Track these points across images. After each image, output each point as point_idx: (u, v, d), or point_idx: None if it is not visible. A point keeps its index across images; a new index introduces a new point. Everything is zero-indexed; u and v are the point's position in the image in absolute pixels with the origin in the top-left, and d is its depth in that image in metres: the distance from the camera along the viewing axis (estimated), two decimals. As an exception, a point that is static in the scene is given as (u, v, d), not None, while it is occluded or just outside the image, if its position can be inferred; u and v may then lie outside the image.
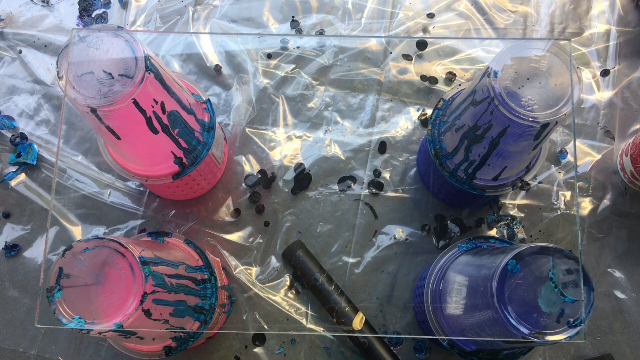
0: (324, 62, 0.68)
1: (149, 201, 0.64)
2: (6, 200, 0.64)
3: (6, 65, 0.69)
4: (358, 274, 0.62)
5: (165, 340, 0.52)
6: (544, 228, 0.63)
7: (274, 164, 0.65)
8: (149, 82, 0.44)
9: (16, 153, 0.65)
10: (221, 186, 0.64)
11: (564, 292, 0.41)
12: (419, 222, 0.63)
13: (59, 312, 0.42)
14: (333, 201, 0.64)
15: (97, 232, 0.63)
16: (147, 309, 0.43)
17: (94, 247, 0.43)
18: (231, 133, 0.66)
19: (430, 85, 0.67)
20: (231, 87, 0.67)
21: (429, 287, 0.53)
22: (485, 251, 0.50)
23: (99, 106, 0.43)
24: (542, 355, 0.59)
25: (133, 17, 0.70)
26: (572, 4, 0.70)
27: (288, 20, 0.69)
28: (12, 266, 0.63)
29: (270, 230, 0.63)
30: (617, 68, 0.67)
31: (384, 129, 0.66)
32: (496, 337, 0.44)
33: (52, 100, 0.68)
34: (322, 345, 0.60)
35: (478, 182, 0.54)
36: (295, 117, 0.66)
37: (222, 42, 0.68)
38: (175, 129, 0.50)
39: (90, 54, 0.44)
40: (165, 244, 0.54)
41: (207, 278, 0.54)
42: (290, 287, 0.61)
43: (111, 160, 0.55)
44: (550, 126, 0.43)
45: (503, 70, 0.43)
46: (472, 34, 0.69)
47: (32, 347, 0.60)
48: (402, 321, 0.60)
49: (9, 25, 0.70)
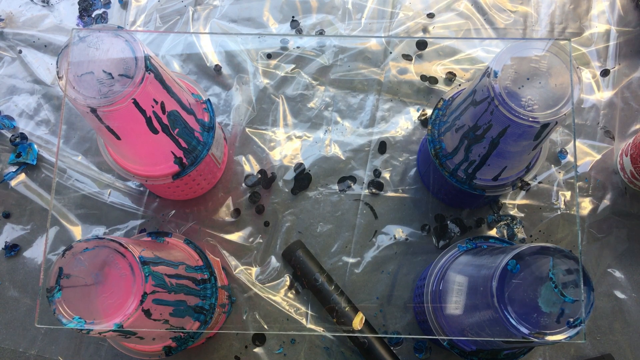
0: (324, 62, 0.68)
1: (149, 201, 0.64)
2: (6, 200, 0.64)
3: (6, 65, 0.69)
4: (358, 274, 0.62)
5: (165, 340, 0.52)
6: (544, 228, 0.63)
7: (274, 164, 0.65)
8: (149, 82, 0.44)
9: (16, 153, 0.65)
10: (221, 186, 0.64)
11: (564, 292, 0.41)
12: (419, 222, 0.63)
13: (59, 312, 0.42)
14: (333, 201, 0.64)
15: (97, 232, 0.63)
16: (147, 309, 0.43)
17: (94, 247, 0.43)
18: (231, 133, 0.66)
19: (430, 85, 0.67)
20: (231, 87, 0.67)
21: (429, 287, 0.53)
22: (485, 251, 0.50)
23: (99, 106, 0.43)
24: (542, 355, 0.59)
25: (133, 17, 0.70)
26: (572, 4, 0.70)
27: (288, 20, 0.69)
28: (12, 266, 0.63)
29: (270, 230, 0.63)
30: (617, 68, 0.67)
31: (384, 129, 0.66)
32: (496, 337, 0.44)
33: (52, 100, 0.68)
34: (322, 345, 0.60)
35: (478, 182, 0.54)
36: (295, 117, 0.66)
37: (222, 42, 0.68)
38: (175, 129, 0.50)
39: (90, 54, 0.44)
40: (165, 244, 0.54)
41: (207, 278, 0.54)
42: (290, 287, 0.61)
43: (111, 160, 0.55)
44: (550, 126, 0.43)
45: (503, 70, 0.43)
46: (472, 34, 0.69)
47: (32, 347, 0.60)
48: (402, 321, 0.60)
49: (9, 25, 0.70)
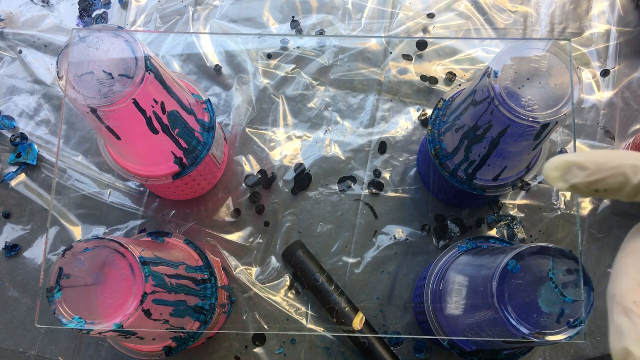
0: (324, 62, 0.68)
1: (149, 201, 0.64)
2: (6, 200, 0.64)
3: (6, 65, 0.69)
4: (358, 274, 0.62)
5: (165, 340, 0.52)
6: (544, 228, 0.63)
7: (274, 164, 0.65)
8: (149, 82, 0.44)
9: (16, 153, 0.65)
10: (221, 186, 0.64)
11: (564, 292, 0.41)
12: (419, 222, 0.63)
13: (59, 312, 0.42)
14: (333, 201, 0.64)
15: (97, 232, 0.63)
16: (147, 309, 0.43)
17: (94, 247, 0.43)
18: (231, 133, 0.66)
19: (430, 85, 0.67)
20: (231, 87, 0.67)
21: (429, 287, 0.53)
22: (485, 251, 0.50)
23: (99, 106, 0.43)
24: (542, 355, 0.59)
25: (133, 17, 0.70)
26: (572, 4, 0.70)
27: (288, 20, 0.69)
28: (12, 266, 0.63)
29: (270, 230, 0.63)
30: (617, 68, 0.67)
31: (384, 129, 0.66)
32: (496, 337, 0.44)
33: (52, 100, 0.68)
34: (322, 345, 0.60)
35: (478, 182, 0.54)
36: (295, 117, 0.66)
37: (222, 42, 0.68)
38: (175, 129, 0.50)
39: (90, 54, 0.44)
40: (165, 244, 0.54)
41: (207, 278, 0.54)
42: (290, 287, 0.61)
43: (111, 160, 0.55)
44: (550, 126, 0.43)
45: (503, 70, 0.43)
46: (472, 34, 0.69)
47: (32, 347, 0.60)
48: (402, 321, 0.60)
49: (9, 25, 0.70)
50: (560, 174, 0.27)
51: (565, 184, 0.27)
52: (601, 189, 0.26)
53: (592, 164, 0.26)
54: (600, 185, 0.26)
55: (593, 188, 0.26)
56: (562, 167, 0.27)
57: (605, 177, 0.26)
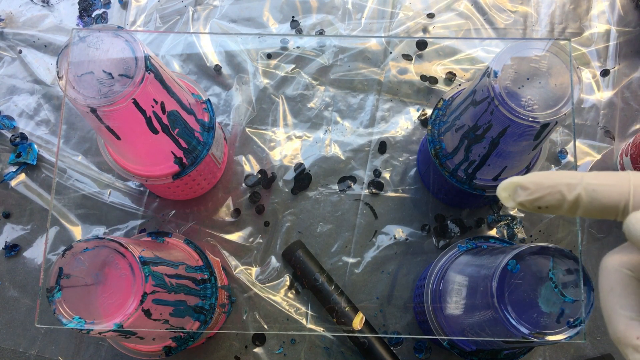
0: (324, 62, 0.68)
1: (149, 201, 0.64)
2: (6, 200, 0.64)
3: (6, 65, 0.69)
4: (358, 274, 0.62)
5: (165, 340, 0.52)
6: (544, 228, 0.63)
7: (274, 164, 0.65)
8: (149, 82, 0.44)
9: (16, 153, 0.65)
10: (221, 186, 0.64)
11: (564, 292, 0.41)
12: (419, 222, 0.63)
13: (59, 312, 0.42)
14: (333, 201, 0.64)
15: (97, 232, 0.63)
16: (147, 309, 0.43)
17: (94, 247, 0.43)
18: (231, 133, 0.66)
19: (430, 85, 0.67)
20: (231, 87, 0.67)
21: (429, 287, 0.53)
22: (485, 251, 0.50)
23: (99, 106, 0.43)
24: (542, 355, 0.59)
25: (133, 17, 0.70)
26: (572, 4, 0.70)
27: (288, 20, 0.69)
28: (12, 266, 0.63)
29: (270, 230, 0.63)
30: (617, 68, 0.67)
31: (384, 129, 0.66)
32: (496, 337, 0.44)
33: (52, 100, 0.68)
34: (322, 345, 0.60)
35: (478, 182, 0.54)
36: (295, 117, 0.66)
37: (222, 42, 0.68)
38: (175, 129, 0.50)
39: (90, 54, 0.44)
40: (165, 244, 0.54)
41: (207, 278, 0.54)
42: (290, 287, 0.61)
43: (111, 160, 0.55)
44: (550, 126, 0.43)
45: (503, 70, 0.43)
46: (472, 34, 0.69)
47: (32, 347, 0.60)
48: (402, 321, 0.60)
49: (9, 25, 0.70)
50: (509, 193, 0.29)
51: (513, 203, 0.29)
52: (543, 206, 0.29)
53: (532, 184, 0.29)
54: (541, 202, 0.29)
55: (536, 205, 0.29)
56: (509, 188, 0.29)
57: (543, 195, 0.28)
